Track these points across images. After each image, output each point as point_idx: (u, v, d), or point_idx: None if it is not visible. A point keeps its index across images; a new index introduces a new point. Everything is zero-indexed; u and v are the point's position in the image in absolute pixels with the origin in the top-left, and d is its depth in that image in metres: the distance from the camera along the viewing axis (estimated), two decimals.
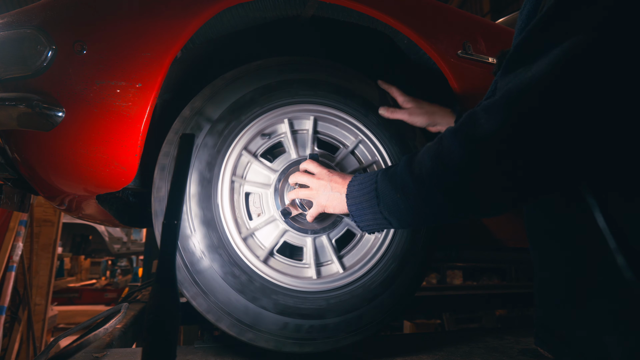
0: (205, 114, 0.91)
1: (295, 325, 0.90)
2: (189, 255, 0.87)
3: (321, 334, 0.93)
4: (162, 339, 0.57)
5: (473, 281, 5.29)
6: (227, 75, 0.96)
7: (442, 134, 0.66)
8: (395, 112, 1.05)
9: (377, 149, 1.05)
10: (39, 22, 0.82)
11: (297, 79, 0.99)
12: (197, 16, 0.87)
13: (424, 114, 1.04)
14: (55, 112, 0.79)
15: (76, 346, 0.95)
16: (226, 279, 0.87)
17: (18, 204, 1.12)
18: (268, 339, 0.89)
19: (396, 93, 1.09)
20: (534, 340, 0.79)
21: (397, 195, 0.70)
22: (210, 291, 0.86)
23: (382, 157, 1.05)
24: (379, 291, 0.98)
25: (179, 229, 0.63)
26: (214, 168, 0.91)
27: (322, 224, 0.98)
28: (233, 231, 0.90)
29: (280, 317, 0.89)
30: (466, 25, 1.15)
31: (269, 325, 0.89)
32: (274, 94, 0.97)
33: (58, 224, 3.83)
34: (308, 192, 0.88)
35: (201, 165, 0.90)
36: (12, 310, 3.30)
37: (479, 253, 1.63)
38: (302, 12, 1.04)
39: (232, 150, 0.93)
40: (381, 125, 1.06)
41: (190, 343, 2.58)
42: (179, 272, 0.85)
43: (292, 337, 0.91)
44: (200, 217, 0.88)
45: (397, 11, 1.02)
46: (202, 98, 0.93)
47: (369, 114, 1.05)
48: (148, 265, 3.35)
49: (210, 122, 0.91)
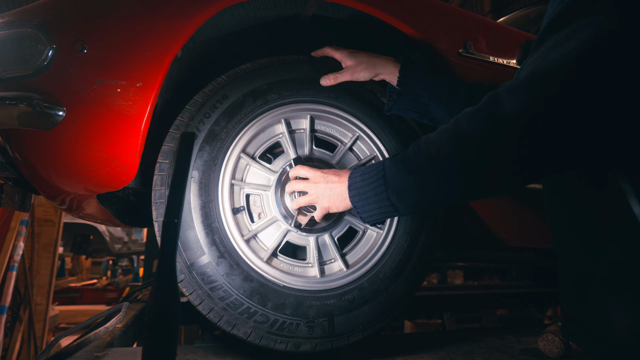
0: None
1: (291, 324, 0.90)
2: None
3: (324, 332, 0.92)
4: (163, 338, 0.57)
5: (474, 281, 5.28)
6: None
7: (458, 116, 0.67)
8: (338, 77, 1.00)
9: (375, 144, 1.05)
10: (39, 21, 0.81)
11: (276, 80, 0.99)
12: (198, 15, 0.87)
13: (365, 69, 1.00)
14: (56, 111, 0.79)
15: (77, 345, 0.95)
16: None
17: (19, 204, 1.12)
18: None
19: (332, 52, 1.02)
20: (561, 332, 0.79)
21: (410, 177, 0.72)
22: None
23: (380, 151, 1.05)
24: (383, 287, 0.98)
25: (179, 227, 0.63)
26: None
27: (323, 223, 0.98)
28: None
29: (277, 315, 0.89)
30: (467, 24, 1.15)
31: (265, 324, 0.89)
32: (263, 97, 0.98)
33: (59, 224, 3.84)
34: (308, 199, 0.88)
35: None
36: (13, 310, 3.31)
37: (480, 253, 1.62)
38: (303, 11, 1.04)
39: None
40: (377, 119, 1.05)
41: (190, 342, 2.59)
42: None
43: (283, 335, 0.90)
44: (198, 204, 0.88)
45: (399, 10, 1.02)
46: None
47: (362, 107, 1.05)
48: (149, 264, 3.34)
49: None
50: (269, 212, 0.97)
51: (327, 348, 0.93)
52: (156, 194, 0.88)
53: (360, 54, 1.01)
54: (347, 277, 0.96)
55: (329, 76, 1.01)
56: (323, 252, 1.00)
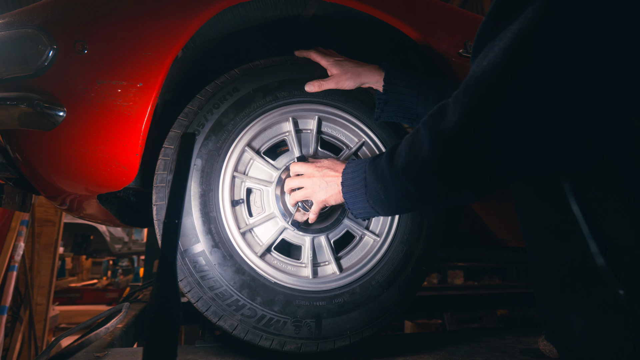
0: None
1: (279, 321, 0.89)
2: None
3: (311, 333, 0.91)
4: (163, 338, 0.57)
5: (474, 281, 5.28)
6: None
7: (421, 121, 0.66)
8: (323, 84, 0.99)
9: (380, 151, 1.05)
10: (40, 21, 0.82)
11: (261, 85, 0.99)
12: (198, 16, 0.87)
13: (350, 78, 0.99)
14: (56, 112, 0.79)
15: (77, 345, 0.95)
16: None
17: (19, 204, 1.13)
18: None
19: (317, 57, 1.01)
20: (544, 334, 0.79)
21: (378, 185, 0.73)
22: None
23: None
24: (374, 294, 0.97)
25: (180, 228, 0.63)
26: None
27: (321, 224, 0.98)
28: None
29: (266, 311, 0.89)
30: (467, 24, 1.15)
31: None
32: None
33: (59, 224, 3.84)
34: (304, 193, 0.88)
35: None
36: (13, 310, 3.31)
37: (480, 253, 1.62)
38: (303, 12, 1.04)
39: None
40: (384, 126, 1.06)
41: (191, 342, 2.59)
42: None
43: (272, 333, 0.90)
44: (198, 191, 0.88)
45: (399, 10, 1.02)
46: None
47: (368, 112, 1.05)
48: (149, 265, 3.35)
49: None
50: (268, 207, 0.98)
51: (312, 350, 0.91)
52: (158, 177, 0.89)
53: (346, 62, 1.01)
54: (340, 281, 0.96)
55: (313, 82, 1.00)
56: (318, 253, 0.99)
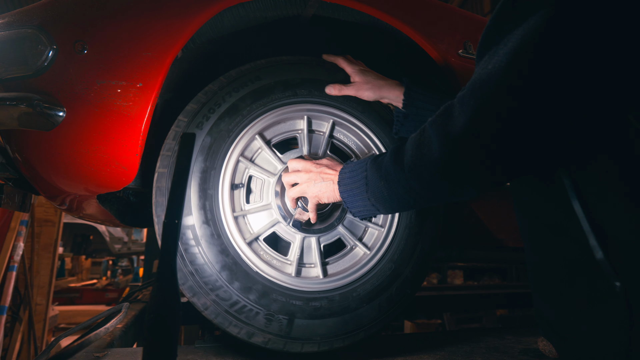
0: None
1: (251, 310, 0.89)
2: None
3: (281, 330, 0.90)
4: (163, 338, 0.57)
5: (474, 281, 5.28)
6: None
7: (425, 124, 0.69)
8: (343, 89, 1.01)
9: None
10: (39, 21, 0.81)
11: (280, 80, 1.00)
12: (198, 16, 0.87)
13: (370, 89, 1.01)
14: (56, 112, 0.79)
15: (77, 346, 0.95)
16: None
17: (19, 204, 1.12)
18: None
19: (344, 64, 1.03)
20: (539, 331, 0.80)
21: (382, 182, 0.75)
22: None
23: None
24: (353, 306, 0.96)
25: (180, 228, 0.63)
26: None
27: (316, 226, 0.99)
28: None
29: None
30: (467, 24, 1.15)
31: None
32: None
33: (59, 224, 3.84)
34: (299, 189, 0.89)
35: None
36: (13, 310, 3.31)
37: (480, 253, 1.62)
38: (303, 12, 1.04)
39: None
40: (395, 141, 1.06)
41: (191, 343, 2.59)
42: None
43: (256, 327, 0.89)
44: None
45: (398, 11, 1.02)
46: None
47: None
48: (149, 265, 3.35)
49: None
50: (266, 198, 0.98)
51: (278, 348, 0.90)
52: (166, 146, 0.90)
53: (369, 73, 1.02)
54: (321, 285, 0.95)
55: (335, 85, 1.01)
56: (306, 254, 0.99)
